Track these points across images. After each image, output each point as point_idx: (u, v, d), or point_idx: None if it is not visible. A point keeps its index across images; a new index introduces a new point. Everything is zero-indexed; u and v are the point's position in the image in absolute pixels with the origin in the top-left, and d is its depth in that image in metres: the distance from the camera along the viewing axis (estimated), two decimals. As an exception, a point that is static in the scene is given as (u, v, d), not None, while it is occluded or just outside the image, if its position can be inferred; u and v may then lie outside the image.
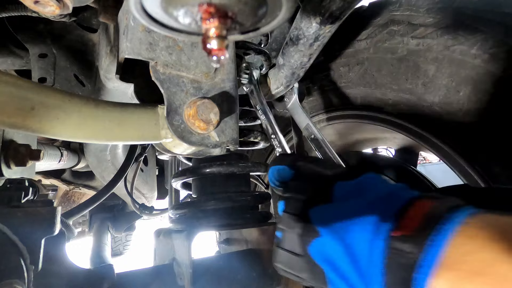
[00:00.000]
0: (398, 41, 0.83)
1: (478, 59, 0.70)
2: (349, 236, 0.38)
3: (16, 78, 0.50)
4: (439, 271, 0.29)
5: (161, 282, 0.72)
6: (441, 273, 0.29)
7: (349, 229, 0.38)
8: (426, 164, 6.34)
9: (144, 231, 4.62)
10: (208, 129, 0.62)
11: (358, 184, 0.43)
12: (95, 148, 1.43)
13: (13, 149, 0.90)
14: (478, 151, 0.73)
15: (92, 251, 1.97)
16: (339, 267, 0.39)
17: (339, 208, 0.41)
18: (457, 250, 0.28)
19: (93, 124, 0.55)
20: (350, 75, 0.98)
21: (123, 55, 0.59)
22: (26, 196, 0.63)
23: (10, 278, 0.47)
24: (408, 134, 0.87)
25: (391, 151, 1.90)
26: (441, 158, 0.81)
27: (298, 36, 0.70)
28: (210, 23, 0.29)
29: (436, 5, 0.77)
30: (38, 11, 0.54)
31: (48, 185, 1.99)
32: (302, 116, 0.91)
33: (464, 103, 0.73)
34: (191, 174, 0.85)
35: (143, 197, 1.81)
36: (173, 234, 0.77)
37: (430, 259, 0.30)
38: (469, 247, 0.28)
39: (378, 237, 0.35)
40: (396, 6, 0.85)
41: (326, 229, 0.40)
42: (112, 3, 0.67)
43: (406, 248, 0.32)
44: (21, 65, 1.06)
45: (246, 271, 0.79)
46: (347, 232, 0.38)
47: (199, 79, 0.65)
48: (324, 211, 0.42)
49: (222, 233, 1.28)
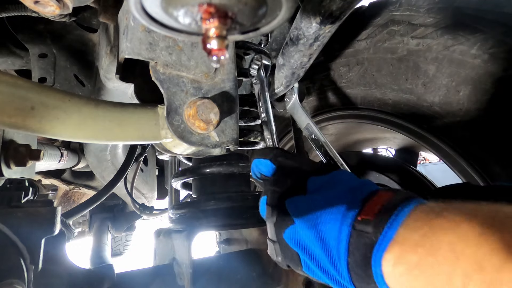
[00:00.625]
0: (398, 41, 0.83)
1: (478, 59, 0.70)
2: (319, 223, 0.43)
3: (16, 78, 0.50)
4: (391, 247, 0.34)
5: (161, 282, 0.72)
6: (392, 248, 0.34)
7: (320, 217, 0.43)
8: (426, 164, 6.34)
9: (144, 231, 4.62)
10: (208, 129, 0.62)
11: (329, 178, 0.49)
12: (95, 148, 1.43)
13: (13, 149, 0.90)
14: (478, 151, 0.73)
15: (92, 251, 1.97)
16: (311, 251, 0.44)
17: (312, 199, 0.46)
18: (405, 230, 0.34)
19: (93, 124, 0.55)
20: (350, 75, 0.98)
21: (123, 55, 0.59)
22: (26, 196, 0.63)
23: (10, 278, 0.47)
24: (408, 134, 0.87)
25: (391, 151, 1.90)
26: (441, 158, 0.81)
27: (298, 36, 0.70)
28: (210, 23, 0.29)
29: (436, 5, 0.77)
30: (38, 11, 0.54)
31: (48, 185, 1.99)
32: (303, 116, 0.91)
33: (464, 103, 0.73)
34: (191, 174, 0.85)
35: (143, 197, 1.81)
36: (173, 234, 0.77)
37: (387, 238, 0.35)
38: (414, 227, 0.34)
39: (345, 223, 0.40)
40: (396, 6, 0.85)
41: (299, 217, 0.45)
42: (112, 3, 0.67)
43: (368, 230, 0.37)
44: (21, 65, 1.06)
45: (246, 271, 0.79)
46: (318, 219, 0.43)
47: (199, 79, 0.65)
48: (298, 202, 0.47)
49: (222, 233, 1.28)
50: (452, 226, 0.31)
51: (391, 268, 0.34)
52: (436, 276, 0.30)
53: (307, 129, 0.90)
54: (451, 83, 0.75)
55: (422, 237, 0.32)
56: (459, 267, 0.28)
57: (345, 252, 0.39)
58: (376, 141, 1.40)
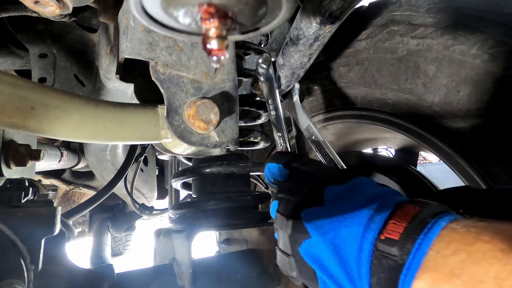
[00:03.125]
0: (398, 41, 0.83)
1: (478, 59, 0.70)
2: (338, 238, 0.39)
3: (16, 78, 0.50)
4: (421, 273, 0.31)
5: (161, 282, 0.72)
6: (422, 274, 0.31)
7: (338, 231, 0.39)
8: (426, 164, 6.34)
9: (144, 231, 4.62)
10: (208, 129, 0.62)
11: (349, 187, 0.45)
12: (95, 148, 1.43)
13: (13, 149, 0.90)
14: (478, 151, 0.73)
15: (92, 251, 1.97)
16: (328, 268, 0.41)
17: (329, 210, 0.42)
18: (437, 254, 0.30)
19: (93, 124, 0.55)
20: (350, 75, 0.98)
21: (123, 55, 0.59)
22: (26, 196, 0.63)
23: (10, 278, 0.47)
24: (408, 134, 0.87)
25: (391, 151, 1.90)
26: (441, 158, 0.81)
27: (298, 36, 0.70)
28: (210, 23, 0.29)
29: (436, 5, 0.77)
30: (38, 11, 0.54)
31: (48, 185, 1.99)
32: (303, 117, 0.91)
33: (464, 103, 0.73)
34: (191, 174, 0.85)
35: (143, 197, 1.81)
36: (173, 234, 0.77)
37: (416, 262, 0.31)
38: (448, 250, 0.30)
39: (365, 240, 0.36)
40: (396, 6, 0.85)
41: (316, 230, 0.42)
42: (112, 3, 0.67)
43: (393, 252, 0.33)
44: (21, 65, 1.06)
45: (246, 271, 0.79)
46: (336, 234, 0.39)
47: (199, 79, 0.65)
48: (315, 213, 0.44)
49: (222, 233, 1.28)
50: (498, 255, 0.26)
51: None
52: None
53: (307, 130, 0.90)
54: (451, 83, 0.75)
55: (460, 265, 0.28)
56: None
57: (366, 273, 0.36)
58: (376, 141, 1.40)
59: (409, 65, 0.82)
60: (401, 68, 0.84)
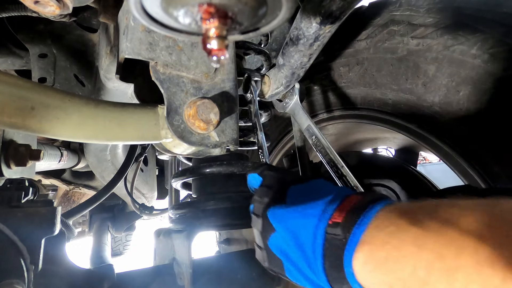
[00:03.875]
0: (398, 41, 0.83)
1: (478, 59, 0.70)
2: (297, 229, 0.45)
3: (16, 78, 0.50)
4: (360, 247, 0.36)
5: (161, 282, 0.72)
6: (361, 247, 0.36)
7: (297, 224, 0.45)
8: (426, 164, 6.34)
9: (144, 231, 4.62)
10: (208, 129, 0.62)
11: (308, 187, 0.52)
12: (95, 148, 1.43)
13: (13, 149, 0.90)
14: (478, 151, 0.73)
15: (92, 251, 1.97)
16: (291, 256, 0.46)
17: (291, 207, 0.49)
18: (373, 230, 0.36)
19: (93, 124, 0.55)
20: (350, 75, 0.98)
21: (123, 55, 0.59)
22: (26, 196, 0.63)
23: (10, 278, 0.47)
24: (408, 134, 0.87)
25: (391, 151, 1.90)
26: (441, 158, 0.81)
27: (298, 36, 0.70)
28: (210, 23, 0.29)
29: (436, 5, 0.77)
30: (38, 11, 0.54)
31: (48, 185, 1.99)
32: (304, 117, 0.91)
33: (464, 103, 0.73)
34: (191, 174, 0.85)
35: (143, 197, 1.81)
36: (173, 234, 0.77)
37: (355, 238, 0.37)
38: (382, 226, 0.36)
39: (319, 228, 0.42)
40: (396, 6, 0.85)
41: (279, 224, 0.48)
42: (112, 3, 0.67)
43: (338, 232, 0.39)
44: (21, 65, 1.06)
45: (246, 271, 0.79)
46: (296, 225, 0.45)
47: (199, 79, 0.65)
48: (279, 210, 0.50)
49: (222, 233, 1.29)
50: (415, 222, 0.33)
51: (361, 266, 0.36)
52: (402, 269, 0.32)
53: (307, 130, 0.90)
54: (451, 83, 0.75)
55: (389, 235, 0.34)
56: (422, 258, 0.31)
57: (321, 256, 0.41)
58: (376, 141, 1.40)
59: (409, 65, 0.82)
60: (401, 68, 0.84)
